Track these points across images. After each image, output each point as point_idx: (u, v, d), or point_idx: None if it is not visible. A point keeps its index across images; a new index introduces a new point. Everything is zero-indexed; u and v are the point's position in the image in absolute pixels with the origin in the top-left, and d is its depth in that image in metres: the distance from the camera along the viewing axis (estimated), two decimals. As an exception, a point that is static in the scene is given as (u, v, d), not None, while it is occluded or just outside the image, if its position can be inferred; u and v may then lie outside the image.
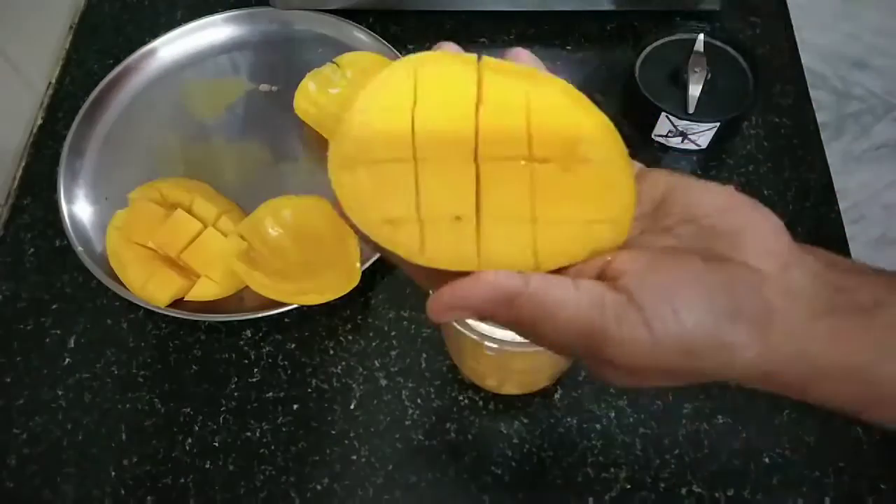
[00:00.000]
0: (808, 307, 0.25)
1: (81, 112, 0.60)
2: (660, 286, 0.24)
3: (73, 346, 0.53)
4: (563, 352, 0.26)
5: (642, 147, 0.60)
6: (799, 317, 0.25)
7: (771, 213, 0.27)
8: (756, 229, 0.26)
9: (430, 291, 0.25)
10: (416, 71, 0.27)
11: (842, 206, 0.57)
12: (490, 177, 0.26)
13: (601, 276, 0.25)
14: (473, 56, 0.27)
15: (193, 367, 0.52)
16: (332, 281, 0.51)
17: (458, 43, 0.28)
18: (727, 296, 0.24)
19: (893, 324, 0.26)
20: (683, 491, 0.47)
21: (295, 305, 0.51)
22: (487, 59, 0.27)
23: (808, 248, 0.27)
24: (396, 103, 0.26)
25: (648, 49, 0.60)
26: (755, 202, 0.27)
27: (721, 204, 0.26)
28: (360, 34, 0.63)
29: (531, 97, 0.27)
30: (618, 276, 0.25)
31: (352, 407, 0.50)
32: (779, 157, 0.60)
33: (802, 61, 0.65)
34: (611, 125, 0.27)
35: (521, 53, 0.28)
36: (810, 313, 0.25)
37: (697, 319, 0.24)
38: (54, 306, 0.55)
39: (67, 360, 0.53)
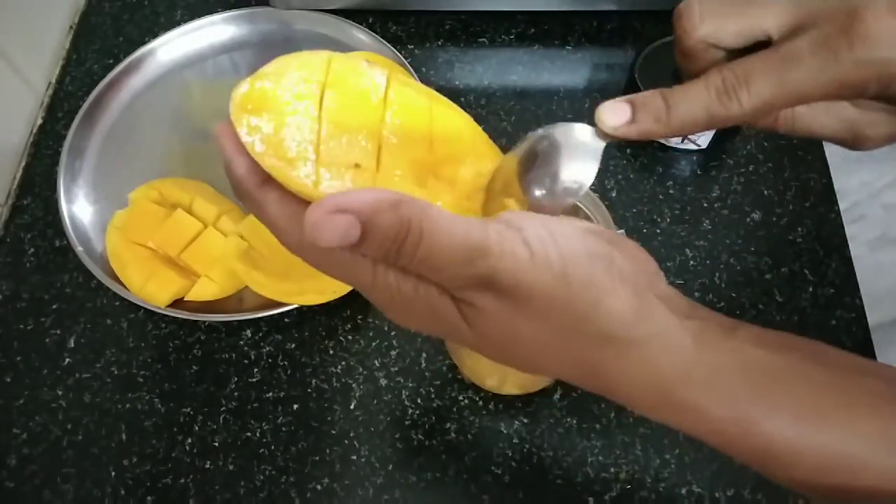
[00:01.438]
0: (675, 306, 0.27)
1: (81, 112, 0.60)
2: (538, 219, 0.25)
3: (73, 346, 0.53)
4: (446, 275, 0.25)
5: (642, 147, 0.60)
6: (666, 310, 0.26)
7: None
8: (626, 242, 0.28)
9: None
10: (332, 59, 0.28)
11: (842, 206, 0.57)
12: (390, 150, 0.28)
13: None
14: (384, 68, 0.30)
15: (193, 367, 0.52)
16: (333, 281, 0.51)
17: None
18: (603, 247, 0.26)
19: (750, 338, 0.27)
20: (683, 491, 0.47)
21: (295, 305, 0.51)
22: (397, 73, 0.30)
23: None
24: (309, 74, 0.28)
25: (648, 49, 0.60)
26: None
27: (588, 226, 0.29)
28: (360, 34, 0.63)
29: (433, 105, 0.30)
30: (498, 216, 0.26)
31: (352, 407, 0.51)
32: (779, 157, 0.60)
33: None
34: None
35: None
36: (676, 311, 0.27)
37: (573, 249, 0.25)
38: (54, 306, 0.55)
39: (67, 360, 0.53)
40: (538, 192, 0.27)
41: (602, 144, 0.28)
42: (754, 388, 0.26)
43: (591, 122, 0.29)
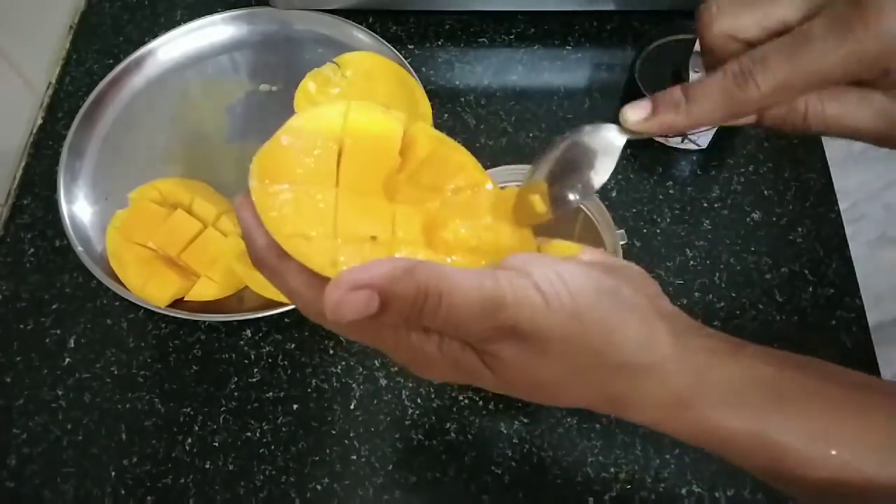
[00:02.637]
0: (683, 323, 0.28)
1: (81, 112, 0.60)
2: (542, 261, 0.27)
3: (73, 346, 0.53)
4: (467, 330, 0.25)
5: (642, 148, 0.60)
6: (673, 332, 0.27)
7: None
8: (627, 267, 0.29)
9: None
10: (349, 113, 0.29)
11: (842, 205, 0.57)
12: (404, 214, 0.28)
13: None
14: (401, 114, 0.30)
15: (193, 367, 0.52)
16: (332, 281, 0.51)
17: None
18: (607, 280, 0.26)
19: (758, 355, 0.28)
20: (683, 491, 0.47)
21: (295, 305, 0.51)
22: (418, 123, 0.30)
23: None
24: (327, 134, 0.28)
25: (648, 49, 0.60)
26: None
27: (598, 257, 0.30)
28: (360, 34, 0.63)
29: (449, 156, 0.30)
30: (503, 263, 0.27)
31: (352, 407, 0.51)
32: (779, 157, 0.60)
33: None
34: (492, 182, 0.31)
35: None
36: (685, 327, 0.28)
37: (581, 287, 0.26)
38: (54, 306, 0.55)
39: (67, 360, 0.53)
40: (572, 198, 0.29)
41: (623, 140, 0.30)
42: (765, 402, 0.27)
43: (614, 121, 0.31)
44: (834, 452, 0.26)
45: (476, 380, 0.27)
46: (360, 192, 0.28)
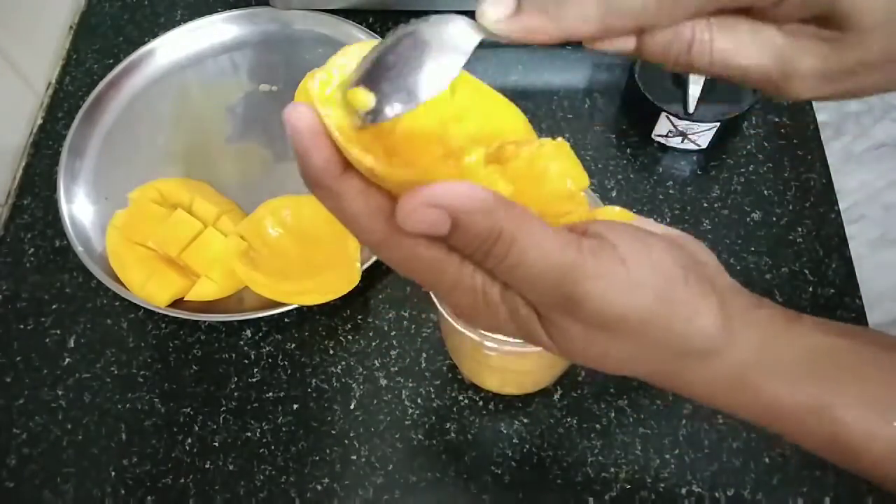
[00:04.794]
0: (744, 299, 0.27)
1: (81, 112, 0.60)
2: (630, 233, 0.25)
3: (73, 346, 0.53)
4: (533, 291, 0.24)
5: (642, 147, 0.60)
6: (741, 303, 0.27)
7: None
8: (689, 241, 0.28)
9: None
10: None
11: (842, 205, 0.57)
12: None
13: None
14: None
15: (193, 367, 0.52)
16: (332, 281, 0.51)
17: None
18: (686, 257, 0.26)
19: (815, 326, 0.27)
20: (683, 491, 0.47)
21: (295, 305, 0.51)
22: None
23: None
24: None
25: (648, 49, 0.60)
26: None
27: (656, 228, 0.29)
28: (360, 34, 0.63)
29: (491, 111, 0.28)
30: (586, 229, 0.25)
31: (352, 407, 0.51)
32: (779, 157, 0.60)
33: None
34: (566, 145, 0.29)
35: None
36: (748, 303, 0.27)
37: (669, 264, 0.24)
38: (54, 306, 0.55)
39: (67, 360, 0.53)
40: (390, 113, 0.23)
41: (475, 41, 0.24)
42: (823, 373, 0.26)
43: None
44: (888, 424, 0.26)
45: (531, 339, 0.26)
46: (420, 125, 0.26)
